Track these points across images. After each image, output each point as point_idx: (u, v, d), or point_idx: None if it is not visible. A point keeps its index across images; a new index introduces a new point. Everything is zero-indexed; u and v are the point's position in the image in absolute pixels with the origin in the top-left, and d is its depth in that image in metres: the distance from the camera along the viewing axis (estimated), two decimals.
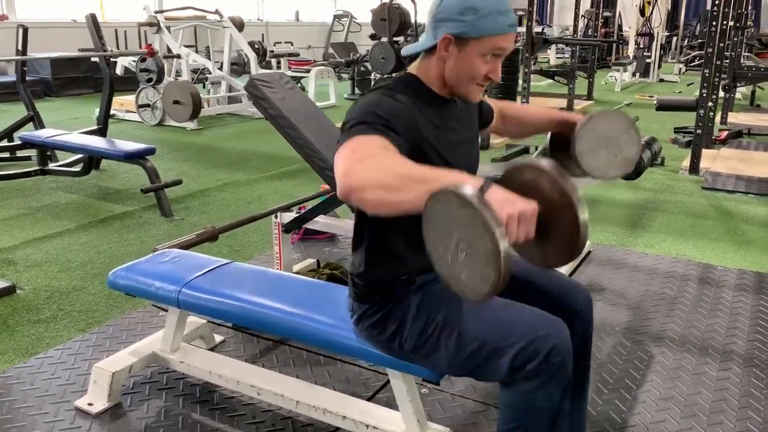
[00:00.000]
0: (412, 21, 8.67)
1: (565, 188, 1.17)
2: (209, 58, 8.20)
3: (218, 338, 2.53)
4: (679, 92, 10.57)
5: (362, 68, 9.99)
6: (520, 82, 7.23)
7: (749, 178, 5.10)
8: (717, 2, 5.11)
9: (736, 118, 7.71)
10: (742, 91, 9.51)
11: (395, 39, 8.50)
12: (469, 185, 1.09)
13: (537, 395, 1.40)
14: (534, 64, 9.81)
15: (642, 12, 12.92)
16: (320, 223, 2.88)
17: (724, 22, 5.66)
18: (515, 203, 1.11)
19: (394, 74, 1.66)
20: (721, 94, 7.05)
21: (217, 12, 8.08)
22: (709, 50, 5.21)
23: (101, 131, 4.99)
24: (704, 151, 5.42)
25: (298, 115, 2.74)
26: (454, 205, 1.09)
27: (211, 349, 2.44)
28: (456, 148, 1.54)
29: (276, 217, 2.93)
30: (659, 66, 12.42)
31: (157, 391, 2.20)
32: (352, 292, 1.64)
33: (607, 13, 14.39)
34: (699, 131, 5.28)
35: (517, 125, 1.87)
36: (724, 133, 6.57)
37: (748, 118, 7.78)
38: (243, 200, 4.52)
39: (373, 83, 1.58)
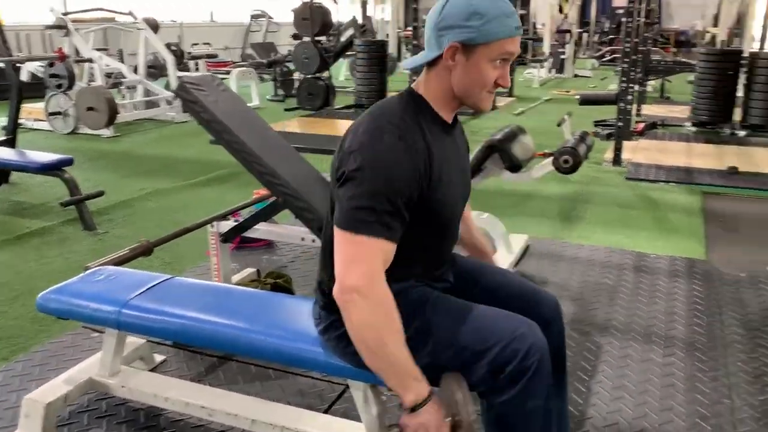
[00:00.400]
0: (334, 20, 8.60)
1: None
2: (123, 62, 7.84)
3: (159, 358, 2.38)
4: (594, 87, 10.98)
5: (285, 68, 9.84)
6: None
7: (668, 168, 5.33)
8: (632, 0, 5.31)
9: (649, 110, 8.07)
10: (652, 84, 9.96)
11: (318, 38, 8.41)
12: (405, 400, 1.35)
13: (522, 401, 1.37)
14: None
15: (561, 9, 13.34)
16: (260, 230, 2.77)
17: (638, 19, 5.89)
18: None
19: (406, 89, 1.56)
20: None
21: (130, 13, 7.73)
22: (627, 46, 5.41)
23: (10, 142, 4.65)
24: (624, 143, 5.62)
25: (233, 118, 2.62)
26: None
27: (152, 370, 2.30)
28: (456, 184, 1.50)
29: (212, 226, 2.80)
30: (573, 62, 12.86)
31: (97, 420, 2.04)
32: (320, 300, 1.57)
33: (522, 12, 14.81)
34: (620, 124, 5.47)
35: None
36: (641, 125, 6.84)
37: (660, 110, 8.17)
38: (170, 209, 4.32)
39: (383, 108, 1.48)
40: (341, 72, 12.27)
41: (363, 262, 1.31)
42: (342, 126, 7.43)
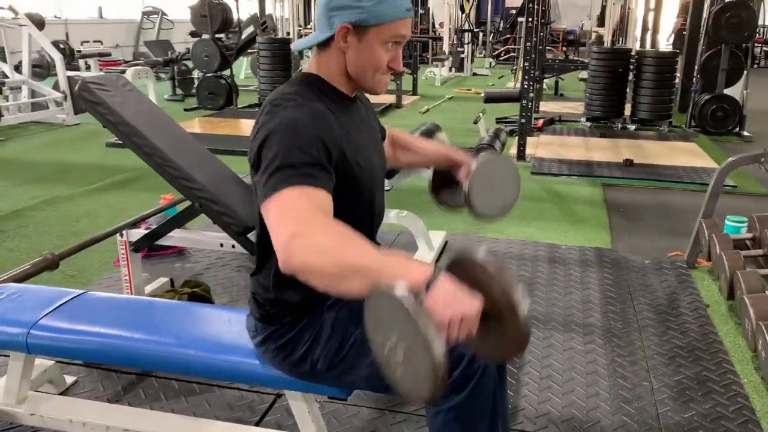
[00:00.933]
0: (234, 17, 8.37)
1: (512, 299, 1.10)
2: (5, 61, 7.26)
3: (69, 379, 2.20)
4: (492, 84, 11.32)
5: (183, 67, 9.47)
6: None
7: (570, 162, 5.57)
8: (530, 1, 5.50)
9: (546, 107, 8.41)
10: (547, 82, 10.38)
11: (218, 36, 8.15)
12: (407, 283, 1.03)
13: (470, 404, 1.35)
14: None
15: (462, 9, 13.65)
16: (175, 238, 2.63)
17: (534, 19, 6.11)
18: (458, 303, 1.04)
19: (292, 76, 1.50)
20: None
21: (10, 8, 7.16)
22: (528, 45, 5.59)
23: None
24: (527, 139, 5.82)
25: (143, 120, 2.47)
26: (391, 307, 1.03)
27: (63, 393, 2.12)
28: (370, 152, 1.46)
29: (122, 235, 2.63)
30: (472, 61, 13.20)
31: None
32: (256, 312, 1.49)
33: (421, 11, 15.04)
34: (523, 120, 5.66)
35: (406, 153, 1.79)
36: (540, 121, 7.12)
37: (556, 107, 8.53)
38: (69, 218, 4.03)
39: (277, 92, 1.39)
40: (242, 70, 11.97)
41: (290, 210, 1.17)
42: (247, 125, 7.25)
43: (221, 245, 2.59)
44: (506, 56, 13.85)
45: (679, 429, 2.02)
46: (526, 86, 5.59)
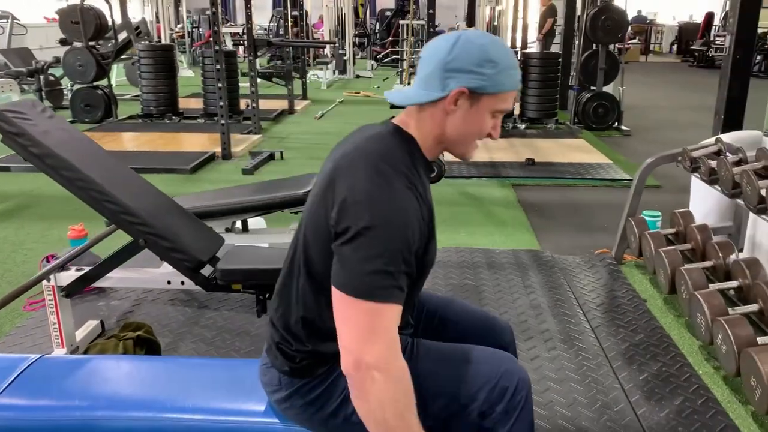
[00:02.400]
0: (109, 23, 7.79)
1: None
2: None
3: None
4: (378, 87, 11.39)
5: (50, 77, 8.69)
6: (247, 85, 7.02)
7: (476, 164, 5.70)
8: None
9: None
10: None
11: (91, 43, 7.55)
12: None
13: None
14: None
15: (357, 13, 13.61)
16: (113, 278, 2.37)
17: (416, 21, 6.19)
18: None
19: (391, 123, 1.35)
20: None
21: None
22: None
23: None
24: None
25: (69, 149, 2.20)
26: None
27: None
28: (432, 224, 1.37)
29: (49, 279, 2.33)
30: (354, 63, 13.23)
31: None
32: (283, 365, 1.36)
33: (296, 13, 14.84)
34: None
35: None
36: None
37: None
38: None
39: (380, 149, 1.26)
40: (112, 78, 11.19)
41: (382, 335, 1.16)
42: (134, 138, 6.77)
43: (168, 282, 2.37)
44: (391, 58, 13.97)
45: (661, 430, 2.09)
46: None
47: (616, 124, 7.46)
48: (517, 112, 7.51)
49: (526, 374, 1.38)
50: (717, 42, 15.12)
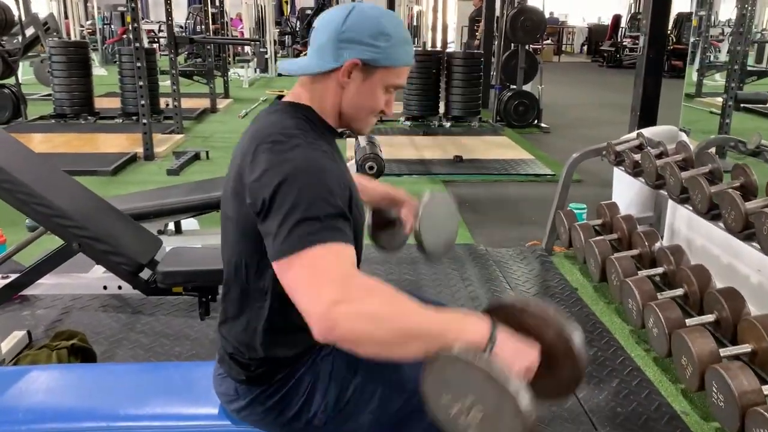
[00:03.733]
0: (16, 18, 7.36)
1: (569, 342, 1.12)
2: None
3: None
4: None
5: None
6: (168, 83, 6.81)
7: (407, 161, 5.76)
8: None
9: None
10: None
11: None
12: (473, 342, 1.02)
13: None
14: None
15: (281, 11, 13.39)
16: (45, 285, 2.25)
17: None
18: (522, 356, 1.06)
19: (279, 102, 1.34)
20: None
21: None
22: None
23: None
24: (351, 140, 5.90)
25: None
26: (465, 370, 1.00)
27: None
28: (354, 189, 1.34)
29: None
30: (275, 61, 13.06)
31: None
32: (238, 374, 1.31)
33: (213, 10, 14.50)
34: None
35: None
36: None
37: None
38: None
39: (269, 126, 1.21)
40: (20, 77, 10.56)
41: (326, 272, 1.04)
42: (45, 140, 6.43)
43: (105, 288, 2.27)
44: None
45: (601, 411, 2.19)
46: None
47: (536, 121, 7.72)
48: (442, 110, 7.65)
49: None
50: (625, 43, 15.93)
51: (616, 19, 17.50)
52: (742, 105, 7.73)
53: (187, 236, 3.06)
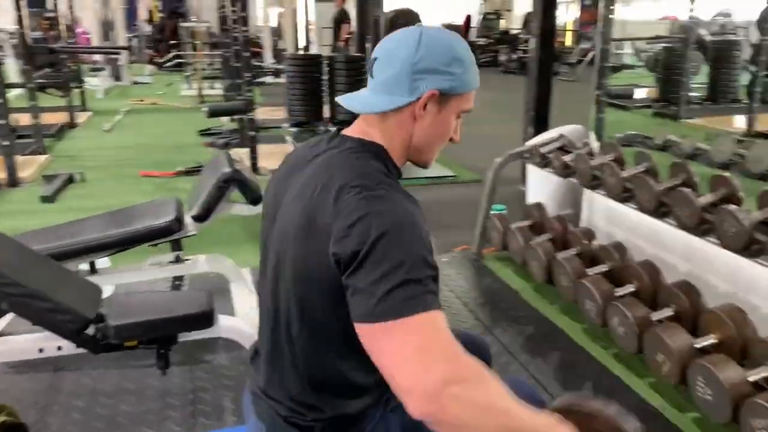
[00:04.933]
0: None
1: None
2: None
3: None
4: (164, 93, 10.65)
5: None
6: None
7: None
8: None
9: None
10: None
11: None
12: None
13: None
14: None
15: (151, 18, 12.48)
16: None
17: (242, 27, 5.92)
18: None
19: (350, 138, 1.17)
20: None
21: None
22: (243, 52, 5.38)
23: None
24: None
25: None
26: None
27: None
28: None
29: None
30: (129, 69, 12.20)
31: None
32: None
33: (51, 14, 13.25)
34: (252, 132, 5.46)
35: None
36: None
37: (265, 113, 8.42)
38: None
39: (350, 166, 1.10)
40: None
41: (436, 346, 0.95)
42: None
43: (40, 351, 1.92)
44: (175, 63, 13.05)
45: None
46: (248, 97, 5.40)
47: None
48: (327, 114, 7.51)
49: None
50: (479, 42, 16.67)
51: (468, 19, 18.27)
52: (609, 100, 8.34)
53: (104, 275, 2.71)
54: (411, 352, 0.94)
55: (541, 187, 3.70)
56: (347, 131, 1.19)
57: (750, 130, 6.52)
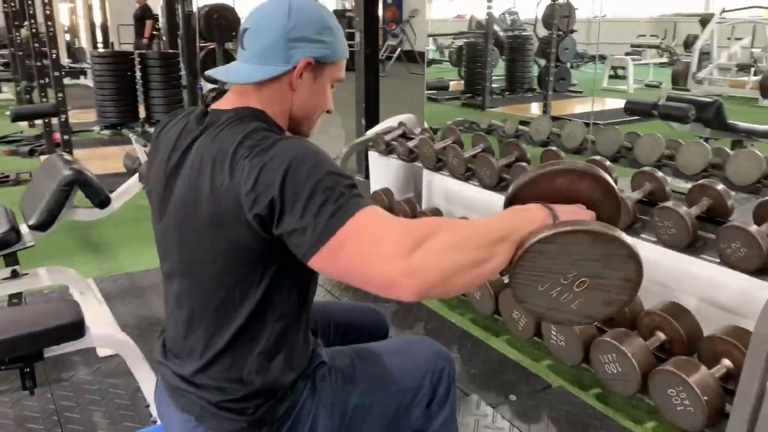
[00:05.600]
0: None
1: (610, 185, 1.09)
2: None
3: None
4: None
5: None
6: None
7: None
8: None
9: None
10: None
11: None
12: (544, 223, 0.99)
13: (453, 413, 1.40)
14: None
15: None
16: None
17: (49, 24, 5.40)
18: (582, 213, 1.04)
19: (228, 111, 1.14)
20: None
21: None
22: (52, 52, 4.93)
23: None
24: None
25: None
26: (560, 247, 0.98)
27: None
28: None
29: None
30: None
31: None
32: (235, 424, 1.16)
33: None
34: (66, 137, 5.04)
35: None
36: (57, 135, 6.38)
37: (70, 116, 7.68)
38: None
39: (232, 136, 1.06)
40: None
41: (384, 232, 0.95)
42: None
43: None
44: None
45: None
46: (61, 99, 4.97)
47: None
48: (143, 114, 7.10)
49: (446, 349, 1.45)
50: None
51: None
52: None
53: None
54: (368, 252, 0.94)
55: (384, 174, 3.87)
56: (217, 105, 1.17)
57: (546, 115, 7.34)
